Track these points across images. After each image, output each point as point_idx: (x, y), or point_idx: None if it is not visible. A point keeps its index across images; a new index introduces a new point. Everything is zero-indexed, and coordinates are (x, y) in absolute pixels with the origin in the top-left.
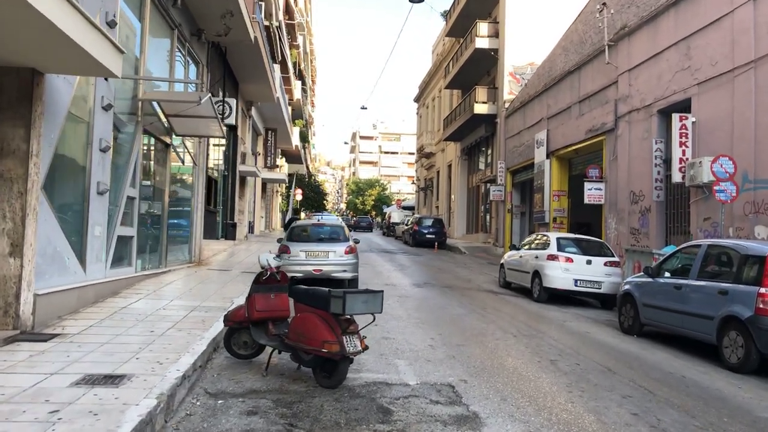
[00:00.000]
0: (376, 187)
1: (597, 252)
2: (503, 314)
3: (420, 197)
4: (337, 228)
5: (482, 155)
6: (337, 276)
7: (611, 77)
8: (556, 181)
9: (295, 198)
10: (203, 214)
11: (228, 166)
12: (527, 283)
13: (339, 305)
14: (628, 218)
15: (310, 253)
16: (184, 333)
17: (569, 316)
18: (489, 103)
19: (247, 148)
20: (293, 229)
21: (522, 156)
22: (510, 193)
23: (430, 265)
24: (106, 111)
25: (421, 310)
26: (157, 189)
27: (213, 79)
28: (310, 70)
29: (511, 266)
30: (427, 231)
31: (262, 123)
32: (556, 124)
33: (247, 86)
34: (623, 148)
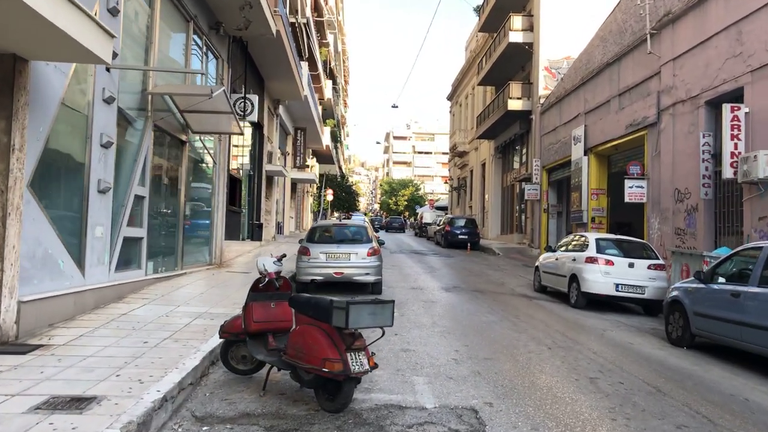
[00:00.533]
0: (409, 188)
1: (640, 254)
2: (537, 322)
3: (453, 197)
4: (359, 229)
5: (517, 153)
6: (358, 279)
7: (653, 68)
8: (594, 178)
9: (326, 198)
10: (225, 215)
11: (254, 165)
12: (564, 288)
13: (341, 318)
14: (673, 218)
15: (330, 255)
16: (180, 344)
17: (610, 325)
18: (523, 99)
19: (275, 147)
20: (313, 230)
21: (558, 153)
22: (546, 192)
23: (461, 267)
24: (108, 104)
25: (448, 318)
26: (171, 188)
27: (234, 75)
28: (343, 69)
29: (547, 269)
30: (460, 231)
31: (291, 122)
32: (594, 119)
33: (273, 84)
34: (667, 142)
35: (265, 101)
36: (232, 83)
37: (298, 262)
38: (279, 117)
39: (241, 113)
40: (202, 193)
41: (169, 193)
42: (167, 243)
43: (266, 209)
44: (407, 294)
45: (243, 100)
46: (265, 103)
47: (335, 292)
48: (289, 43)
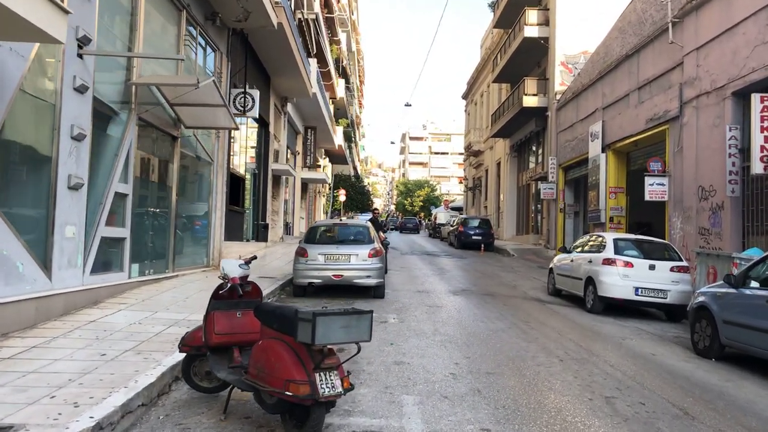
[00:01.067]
0: (424, 188)
1: (661, 255)
2: (549, 329)
3: (468, 197)
4: (361, 229)
5: (532, 152)
6: (359, 282)
7: (675, 58)
8: (612, 176)
9: (338, 199)
10: (225, 215)
11: (259, 164)
12: (579, 291)
13: (307, 332)
14: (696, 217)
15: (329, 257)
16: (141, 357)
17: (629, 332)
18: (539, 96)
19: (282, 146)
20: (312, 230)
21: (575, 151)
22: (562, 191)
23: (473, 269)
24: (81, 93)
25: (452, 324)
26: (161, 186)
27: (234, 69)
28: (357, 69)
29: (562, 272)
30: (473, 232)
31: (301, 121)
32: (612, 115)
33: (280, 80)
34: (690, 137)
35: (271, 98)
36: (232, 77)
37: (295, 264)
38: (287, 115)
39: (241, 109)
40: (197, 192)
41: (159, 191)
42: (156, 244)
43: (273, 209)
44: (412, 298)
45: (243, 95)
46: (271, 100)
47: (334, 297)
48: (294, 38)
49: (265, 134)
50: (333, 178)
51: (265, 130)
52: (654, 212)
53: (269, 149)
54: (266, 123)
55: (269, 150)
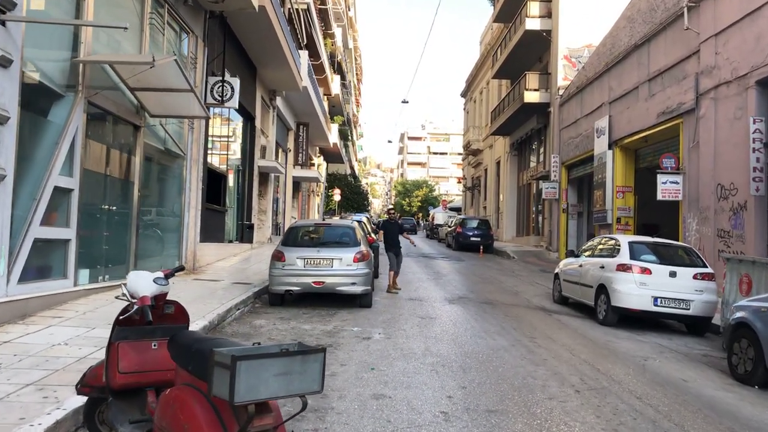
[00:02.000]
0: (423, 188)
1: (682, 260)
2: (559, 347)
3: (467, 197)
4: (346, 230)
5: (533, 150)
6: (342, 290)
7: (691, 46)
8: (620, 175)
9: (333, 198)
10: (202, 214)
11: (244, 160)
12: (590, 300)
13: (224, 383)
14: (715, 218)
15: (309, 261)
16: (40, 396)
17: (650, 350)
18: (541, 91)
19: (271, 142)
20: (291, 231)
21: (579, 148)
22: (565, 190)
23: (472, 272)
24: (4, 68)
25: (446, 341)
26: (120, 181)
27: (212, 55)
28: (355, 67)
29: (569, 278)
30: (472, 233)
31: (293, 117)
32: (620, 109)
33: (267, 72)
34: (707, 131)
35: (258, 91)
36: (209, 64)
37: (271, 269)
38: (276, 110)
39: (218, 98)
40: (167, 188)
41: (117, 186)
42: (114, 246)
43: (260, 209)
44: (403, 307)
45: (221, 83)
46: (258, 92)
47: (315, 305)
48: (280, 25)
49: (251, 129)
50: (328, 177)
51: (250, 124)
52: (664, 213)
53: (255, 145)
54: (251, 117)
55: (255, 145)
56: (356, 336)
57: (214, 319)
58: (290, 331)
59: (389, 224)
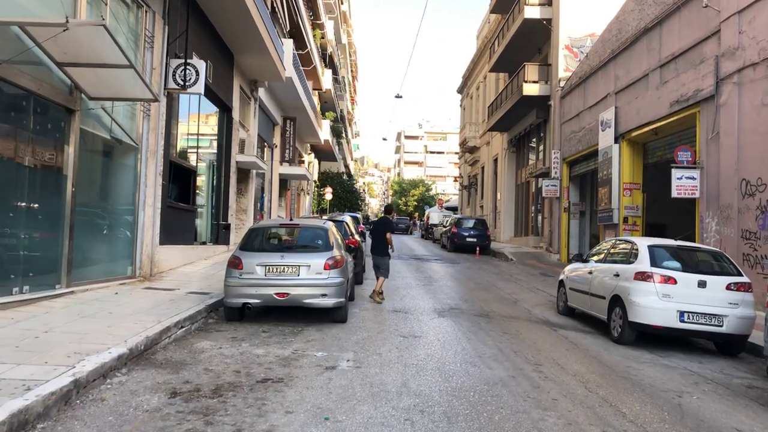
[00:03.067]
0: (419, 187)
1: (711, 268)
2: (570, 378)
3: (463, 196)
4: (316, 231)
5: (532, 146)
6: (311, 303)
7: (709, 26)
8: (627, 171)
9: (325, 197)
10: (163, 213)
11: (220, 154)
12: (602, 314)
13: None
14: (739, 217)
15: (271, 269)
16: None
17: (681, 379)
18: (540, 83)
19: (251, 136)
20: (251, 234)
21: (582, 143)
22: (566, 188)
23: (466, 277)
24: None
25: (430, 372)
26: (47, 174)
27: (174, 35)
28: (349, 64)
29: (576, 286)
30: (468, 233)
31: (280, 111)
32: (627, 99)
33: (245, 59)
34: (729, 120)
35: (236, 79)
36: (170, 44)
37: (226, 278)
38: (258, 101)
39: (180, 83)
40: (114, 183)
41: (42, 180)
42: (38, 251)
43: (240, 207)
44: (384, 321)
45: (184, 66)
46: (235, 81)
47: (282, 320)
48: (256, 6)
49: (227, 121)
50: (321, 175)
51: (227, 115)
52: (674, 212)
53: (232, 138)
54: (228, 107)
55: (233, 139)
56: (318, 364)
57: (141, 344)
58: (237, 357)
59: (378, 223)
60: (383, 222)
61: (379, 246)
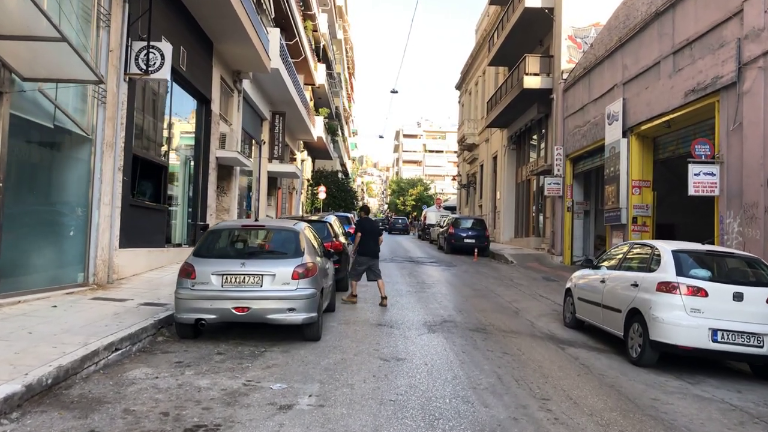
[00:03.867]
0: (417, 187)
1: (746, 277)
2: (586, 419)
3: (462, 196)
4: (285, 234)
5: (533, 144)
6: (276, 319)
7: (729, 7)
8: (636, 167)
9: (318, 196)
10: (123, 213)
11: (198, 150)
12: (617, 329)
13: None
14: (766, 217)
15: (229, 278)
16: None
17: (720, 417)
18: (542, 76)
19: (235, 131)
20: (209, 237)
21: (586, 138)
22: (570, 186)
23: (463, 282)
24: None
25: (411, 413)
26: None
27: (138, 14)
28: (345, 60)
29: (586, 296)
30: (466, 234)
31: (268, 105)
32: (636, 90)
33: (226, 48)
34: (754, 109)
35: (215, 69)
36: (131, 24)
37: (177, 289)
38: (242, 94)
39: (143, 67)
40: (61, 179)
41: None
42: None
43: (222, 206)
44: (363, 339)
45: (147, 49)
46: (215, 71)
47: (245, 337)
48: None
49: (206, 113)
50: (315, 174)
51: (205, 108)
52: (684, 212)
53: (211, 132)
54: (206, 99)
55: (211, 133)
56: (271, 402)
57: (48, 377)
58: (172, 392)
59: (368, 223)
60: (374, 223)
61: (372, 248)
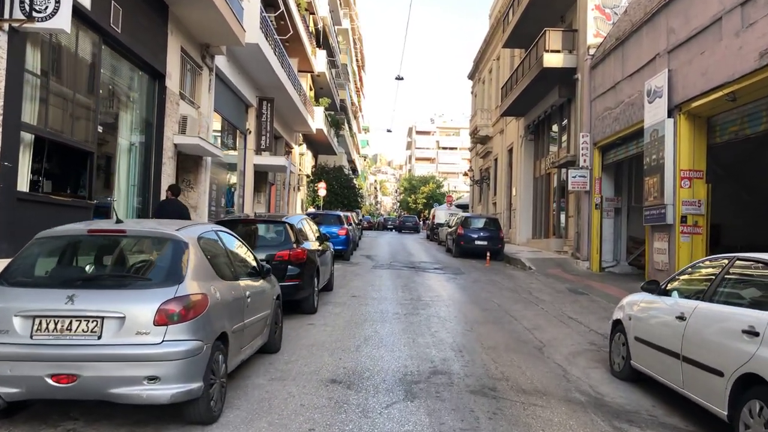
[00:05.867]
0: (429, 184)
1: None
2: None
3: (474, 192)
4: (155, 243)
5: (553, 135)
6: (123, 395)
7: None
8: (686, 154)
9: (318, 193)
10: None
11: (149, 134)
12: (715, 403)
13: None
14: None
15: (43, 324)
16: None
17: None
18: (564, 53)
19: (205, 116)
20: (28, 250)
21: (619, 121)
22: (598, 179)
23: (471, 297)
24: None
25: None
26: None
27: None
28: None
29: (651, 338)
30: (477, 236)
31: (254, 91)
32: (687, 57)
33: (185, 12)
34: None
35: (173, 38)
36: None
37: None
38: (214, 72)
39: (26, 11)
40: None
41: None
42: None
43: (186, 203)
44: (293, 416)
45: None
46: (173, 41)
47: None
48: None
49: (159, 90)
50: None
51: (159, 84)
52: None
53: (166, 114)
54: (160, 74)
55: (166, 115)
56: None
57: None
58: None
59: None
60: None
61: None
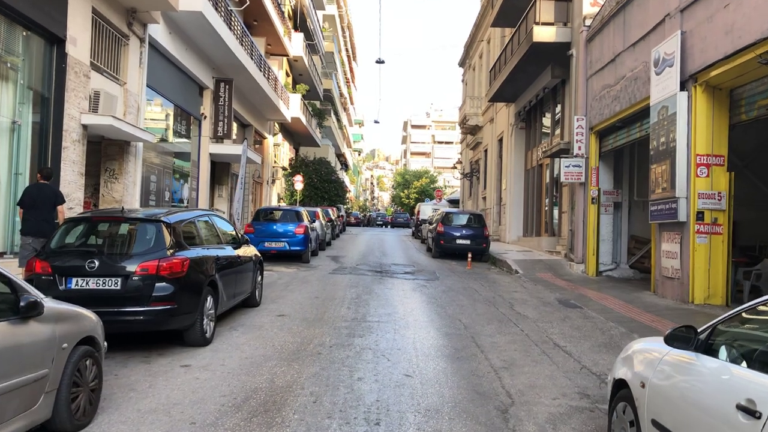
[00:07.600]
0: (423, 179)
1: None
2: None
3: (464, 186)
4: None
5: (546, 120)
6: None
7: None
8: (703, 135)
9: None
10: None
11: (43, 110)
12: None
13: None
14: None
15: None
16: None
17: None
18: (558, 26)
19: (135, 95)
20: None
21: (620, 100)
22: (595, 169)
23: (438, 312)
24: None
25: None
26: None
27: None
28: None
29: (675, 412)
30: (459, 234)
31: (211, 72)
32: (705, 14)
33: None
34: None
35: None
36: None
37: None
38: (147, 42)
39: None
40: None
41: None
42: None
43: (109, 197)
44: None
45: None
46: None
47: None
48: None
49: (58, 57)
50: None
51: (58, 50)
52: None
53: (67, 87)
54: (58, 38)
55: (68, 89)
56: None
57: None
58: None
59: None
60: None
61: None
